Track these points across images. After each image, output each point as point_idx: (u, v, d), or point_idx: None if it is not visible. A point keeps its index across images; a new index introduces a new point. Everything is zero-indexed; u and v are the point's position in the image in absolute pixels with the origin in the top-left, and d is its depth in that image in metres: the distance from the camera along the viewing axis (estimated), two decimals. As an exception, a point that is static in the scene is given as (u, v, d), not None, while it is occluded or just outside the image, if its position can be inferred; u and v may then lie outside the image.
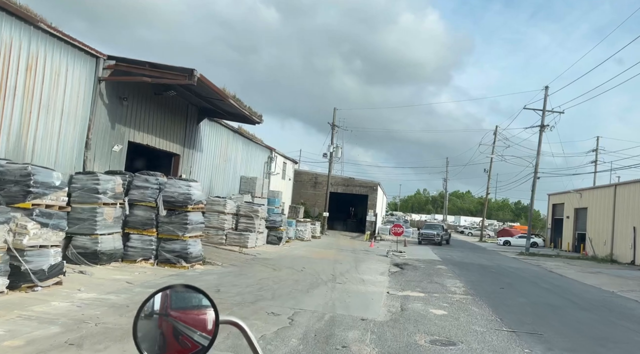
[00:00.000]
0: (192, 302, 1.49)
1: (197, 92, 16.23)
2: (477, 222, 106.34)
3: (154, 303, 1.45)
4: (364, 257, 22.28)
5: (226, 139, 23.29)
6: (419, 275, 17.12)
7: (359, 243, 33.58)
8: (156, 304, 1.45)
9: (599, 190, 37.68)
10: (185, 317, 1.46)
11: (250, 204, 22.12)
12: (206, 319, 1.45)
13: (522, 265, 26.06)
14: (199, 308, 1.47)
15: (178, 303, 1.48)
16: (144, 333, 1.41)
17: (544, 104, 33.61)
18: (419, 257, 24.78)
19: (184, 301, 1.49)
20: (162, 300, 1.46)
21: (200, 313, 1.46)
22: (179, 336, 1.43)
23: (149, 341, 1.41)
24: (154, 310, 1.45)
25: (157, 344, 1.41)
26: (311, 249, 24.30)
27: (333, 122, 36.89)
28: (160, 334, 1.43)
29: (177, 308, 1.47)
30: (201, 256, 13.94)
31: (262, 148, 29.43)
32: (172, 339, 1.42)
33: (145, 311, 1.44)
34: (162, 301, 1.46)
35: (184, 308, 1.48)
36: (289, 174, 37.42)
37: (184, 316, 1.46)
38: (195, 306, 1.48)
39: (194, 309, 1.48)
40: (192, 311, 1.47)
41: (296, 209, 34.68)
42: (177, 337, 1.43)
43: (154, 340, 1.42)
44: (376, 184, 41.16)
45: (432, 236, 37.38)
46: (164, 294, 1.47)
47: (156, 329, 1.44)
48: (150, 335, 1.42)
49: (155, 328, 1.44)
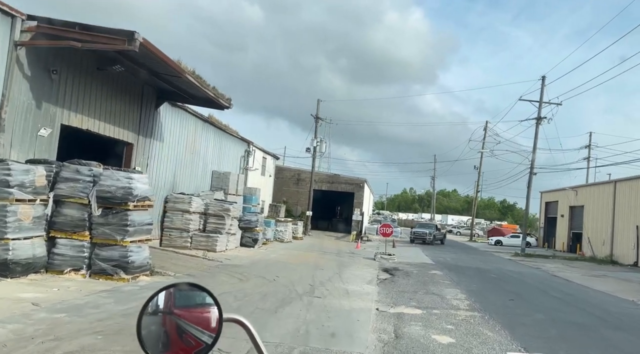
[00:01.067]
0: (195, 300, 1.48)
1: (150, 68, 13.64)
2: (465, 221, 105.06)
3: (157, 300, 1.44)
4: (349, 262, 19.86)
5: (194, 128, 20.65)
6: (413, 283, 14.74)
7: (345, 244, 31.16)
8: (160, 302, 1.44)
9: (598, 187, 35.80)
10: (189, 315, 1.45)
11: (220, 202, 19.54)
12: (210, 317, 1.45)
13: (521, 268, 23.89)
14: (203, 306, 1.47)
15: (182, 301, 1.47)
16: (148, 330, 1.41)
17: (540, 95, 31.62)
18: (410, 261, 22.44)
19: (187, 299, 1.49)
20: (166, 298, 1.45)
21: (204, 311, 1.46)
22: (183, 334, 1.43)
23: (153, 338, 1.41)
24: (158, 308, 1.44)
25: (161, 342, 1.41)
26: (290, 252, 21.80)
27: (317, 115, 34.39)
28: (164, 332, 1.43)
29: (181, 306, 1.46)
30: (148, 265, 11.34)
31: (237, 141, 26.81)
32: (176, 337, 1.42)
33: (149, 309, 1.44)
34: (166, 299, 1.45)
35: (187, 306, 1.47)
36: (270, 170, 34.84)
37: (187, 314, 1.45)
38: (199, 304, 1.47)
39: (198, 307, 1.47)
40: (196, 309, 1.46)
41: (277, 207, 32.14)
42: (180, 335, 1.42)
43: (157, 338, 1.41)
44: (362, 181, 38.76)
45: (424, 235, 37.42)
46: (167, 292, 1.46)
47: (160, 327, 1.43)
48: (154, 333, 1.42)
49: (159, 325, 1.43)
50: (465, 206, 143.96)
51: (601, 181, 34.68)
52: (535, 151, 32.03)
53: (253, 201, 26.02)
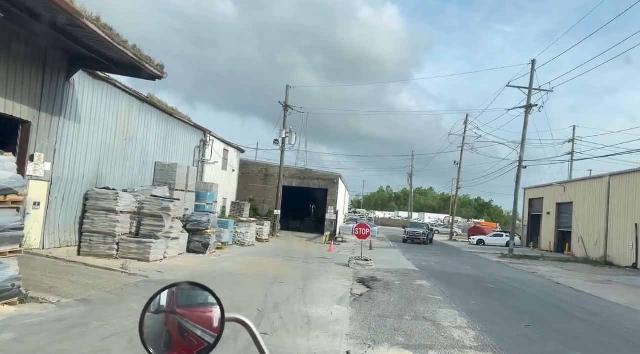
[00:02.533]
0: (198, 299, 1.47)
1: (50, 19, 9.95)
2: (442, 219, 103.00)
3: (160, 299, 1.44)
4: (317, 271, 16.45)
5: (127, 108, 16.88)
6: (396, 301, 11.43)
7: (316, 247, 27.77)
8: (163, 301, 1.44)
9: (589, 182, 33.29)
10: (191, 314, 1.44)
11: (159, 199, 15.87)
12: (212, 316, 1.44)
13: (516, 273, 20.91)
14: (205, 305, 1.46)
15: (184, 300, 1.46)
16: (150, 329, 1.40)
17: (530, 80, 28.83)
18: (390, 267, 19.17)
19: (190, 298, 1.47)
20: (168, 297, 1.45)
21: (207, 310, 1.45)
22: (185, 333, 1.41)
23: (155, 337, 1.40)
24: (161, 307, 1.43)
25: (163, 341, 1.40)
26: (248, 259, 18.27)
27: (286, 102, 30.81)
28: (166, 331, 1.42)
29: (184, 306, 1.45)
30: (14, 289, 7.69)
31: (190, 128, 23.08)
32: (178, 337, 1.41)
33: (151, 308, 1.43)
34: (169, 298, 1.44)
35: (190, 305, 1.46)
36: (233, 164, 31.14)
37: (190, 314, 1.44)
38: (202, 304, 1.46)
39: (200, 306, 1.46)
40: (199, 309, 1.46)
41: (240, 206, 28.50)
42: (183, 334, 1.41)
43: (160, 337, 1.40)
44: (337, 177, 35.40)
45: (418, 235, 37.60)
46: (170, 291, 1.45)
47: (162, 326, 1.42)
48: (156, 332, 1.41)
49: (162, 325, 1.42)
50: (442, 204, 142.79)
51: (593, 175, 32.21)
52: (525, 143, 29.28)
53: (208, 199, 22.36)
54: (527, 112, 28.70)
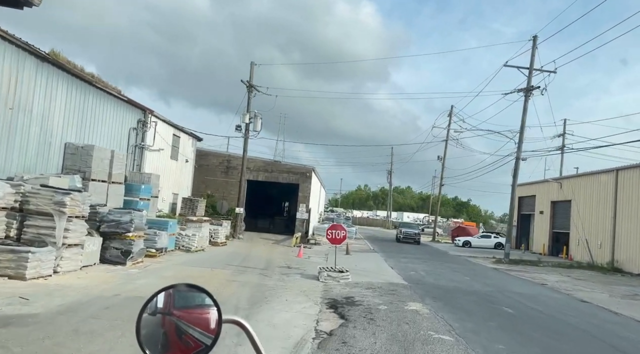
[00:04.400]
0: (195, 301, 1.46)
1: None
2: (421, 218, 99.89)
3: (157, 301, 1.42)
4: (274, 288, 12.16)
5: (14, 66, 12.27)
6: (384, 349, 7.26)
7: (283, 251, 23.49)
8: (159, 302, 1.42)
9: (592, 177, 29.78)
10: (188, 316, 1.42)
11: (50, 191, 11.35)
12: (209, 318, 1.42)
13: (527, 287, 17.03)
14: (202, 307, 1.44)
15: (181, 301, 1.44)
16: (147, 331, 1.38)
17: (530, 60, 25.06)
18: (371, 280, 15.05)
19: (187, 300, 1.46)
20: (165, 299, 1.43)
21: (204, 312, 1.43)
22: (182, 335, 1.40)
23: (152, 339, 1.38)
24: (157, 309, 1.41)
25: (160, 343, 1.38)
26: (184, 272, 13.86)
27: (250, 81, 26.33)
28: (163, 333, 1.40)
29: (180, 307, 1.43)
30: None
31: (122, 105, 18.51)
32: (175, 338, 1.39)
33: (148, 309, 1.41)
34: (165, 299, 1.43)
35: (187, 307, 1.44)
36: (187, 153, 26.54)
37: (187, 315, 1.42)
38: (198, 305, 1.45)
39: (197, 308, 1.45)
40: (195, 310, 1.44)
41: (193, 203, 23.97)
42: (180, 336, 1.40)
43: (157, 339, 1.39)
44: (309, 170, 31.05)
45: (414, 235, 39.00)
46: (167, 293, 1.44)
47: (159, 328, 1.40)
48: (153, 334, 1.39)
49: (159, 326, 1.40)
50: (420, 203, 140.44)
51: (598, 170, 28.74)
52: (524, 131, 25.54)
53: (143, 192, 17.81)
54: (527, 96, 24.95)
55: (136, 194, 17.50)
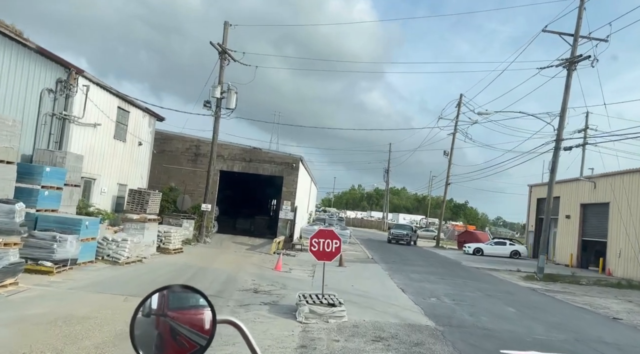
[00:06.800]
0: (189, 302, 1.44)
1: None
2: (418, 220, 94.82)
3: (151, 303, 1.40)
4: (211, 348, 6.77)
5: None
6: None
7: (257, 262, 18.15)
8: (153, 304, 1.40)
9: (637, 174, 24.65)
10: (182, 317, 1.41)
11: None
12: (203, 319, 1.41)
13: (604, 327, 11.74)
14: (196, 308, 1.43)
15: (175, 303, 1.43)
16: (141, 333, 1.36)
17: (576, 26, 19.85)
18: (377, 316, 9.72)
19: (181, 301, 1.44)
20: (159, 300, 1.41)
21: (198, 312, 1.42)
22: (177, 336, 1.38)
23: (147, 341, 1.36)
24: (152, 310, 1.40)
25: (155, 343, 1.37)
26: (72, 304, 8.45)
27: (224, 43, 20.87)
28: (157, 334, 1.39)
29: (175, 308, 1.42)
30: None
31: (29, 54, 13.11)
32: (170, 339, 1.38)
33: (142, 311, 1.39)
34: (160, 301, 1.41)
35: (181, 308, 1.43)
36: (142, 134, 21.03)
37: (181, 316, 1.41)
38: (193, 306, 1.43)
39: (192, 309, 1.43)
40: (190, 311, 1.43)
41: (143, 197, 18.51)
42: (174, 337, 1.38)
43: (151, 340, 1.37)
44: (296, 160, 25.58)
45: (403, 236, 39.14)
46: (161, 294, 1.42)
47: (154, 330, 1.39)
48: (147, 335, 1.37)
49: (153, 328, 1.39)
50: (416, 204, 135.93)
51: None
52: (565, 113, 20.27)
53: (47, 178, 12.32)
54: (570, 70, 19.77)
55: (36, 180, 12.05)
